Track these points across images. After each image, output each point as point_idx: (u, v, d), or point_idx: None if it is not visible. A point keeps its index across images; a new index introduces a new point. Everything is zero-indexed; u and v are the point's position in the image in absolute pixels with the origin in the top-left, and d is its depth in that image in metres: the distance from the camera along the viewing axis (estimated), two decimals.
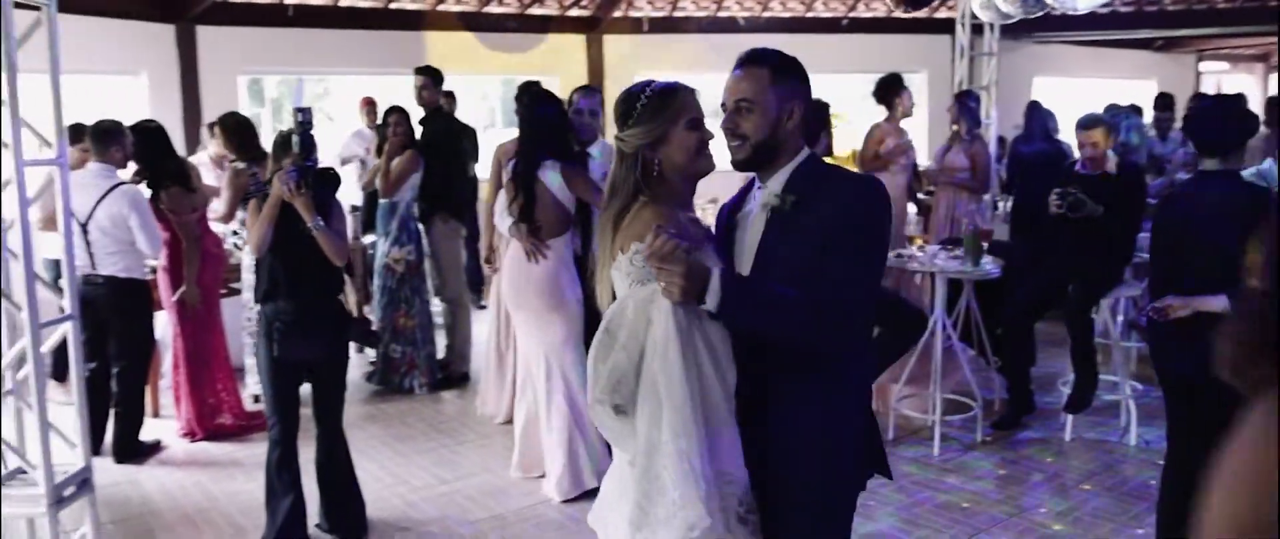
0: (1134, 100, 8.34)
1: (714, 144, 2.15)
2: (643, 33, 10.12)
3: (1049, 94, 10.77)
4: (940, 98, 7.64)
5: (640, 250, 1.94)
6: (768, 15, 10.43)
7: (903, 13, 7.82)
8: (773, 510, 2.09)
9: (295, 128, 3.48)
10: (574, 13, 10.00)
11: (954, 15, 8.38)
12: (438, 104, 6.33)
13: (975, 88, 8.04)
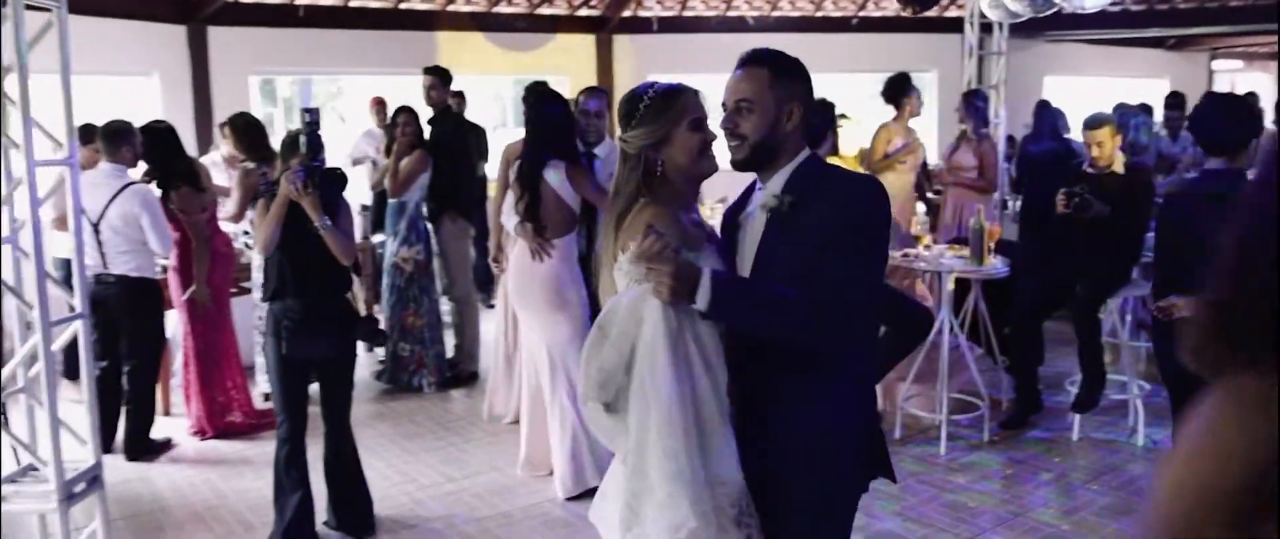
0: (1146, 99, 8.30)
1: (718, 145, 2.16)
2: (652, 33, 10.12)
3: (1061, 93, 10.75)
4: (950, 97, 7.62)
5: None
6: (777, 15, 10.43)
7: (909, 13, 7.79)
8: (773, 511, 2.09)
9: (303, 128, 3.52)
10: (583, 13, 10.02)
11: (963, 14, 8.36)
12: (446, 104, 6.36)
13: (985, 87, 8.02)
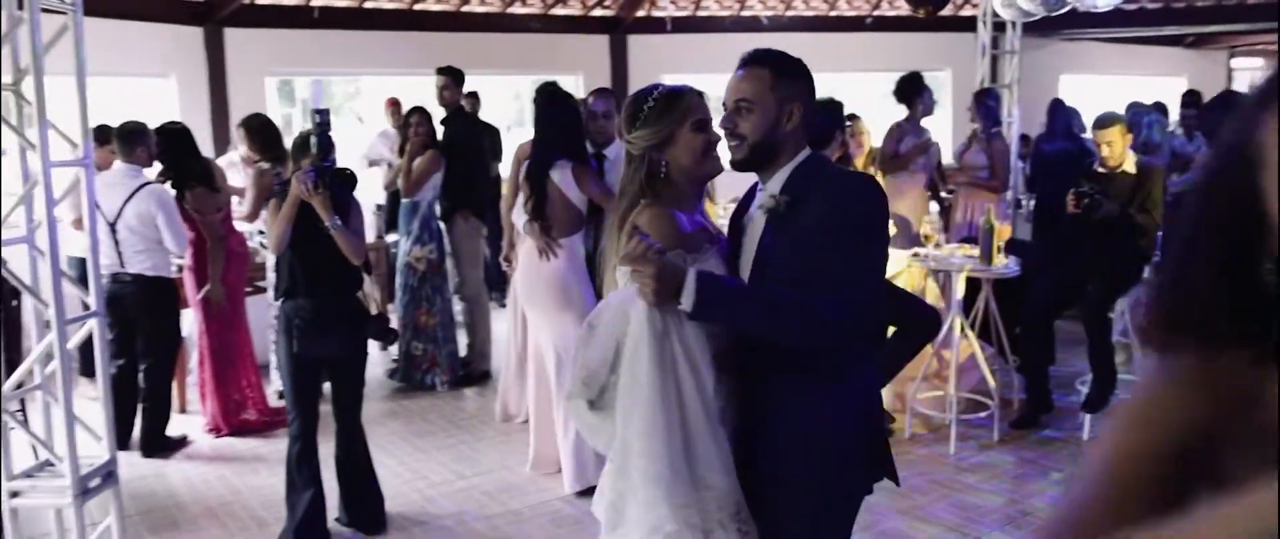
0: (1164, 98, 8.25)
1: (723, 146, 2.17)
2: (666, 33, 10.13)
3: (1077, 92, 10.69)
4: (965, 96, 7.58)
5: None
6: (791, 14, 10.41)
7: (922, 14, 7.77)
8: (773, 512, 2.08)
9: (313, 129, 3.56)
10: (597, 13, 10.04)
11: (977, 14, 8.33)
12: (459, 104, 6.39)
13: (998, 86, 7.99)
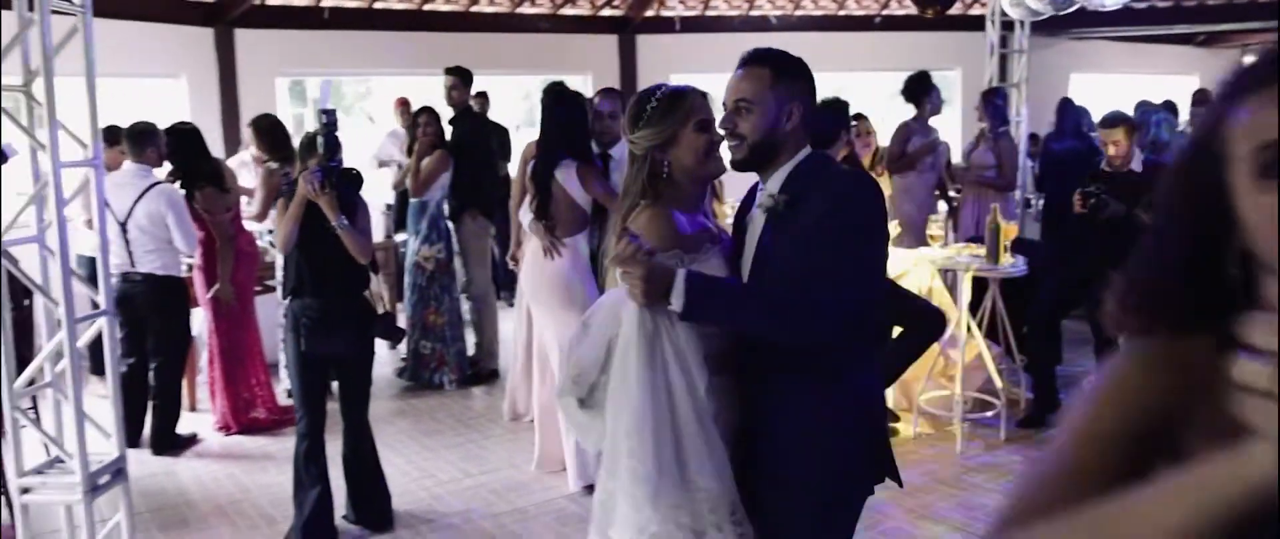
0: (1176, 96, 8.21)
1: (726, 146, 2.18)
2: (674, 32, 10.14)
3: (1088, 91, 10.62)
4: (974, 96, 7.56)
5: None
6: (799, 14, 10.40)
7: (930, 14, 7.75)
8: (772, 512, 2.08)
9: (320, 129, 3.58)
10: (606, 13, 10.05)
11: (985, 12, 8.31)
12: (467, 104, 6.42)
13: (1007, 85, 7.97)
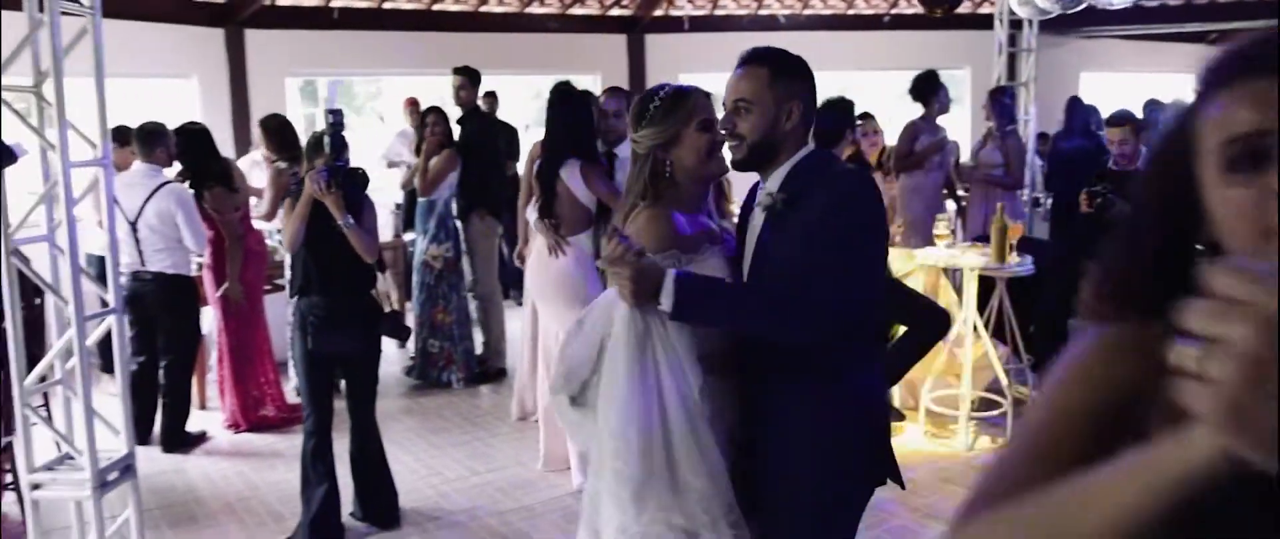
0: (1184, 95, 8.14)
1: (726, 146, 2.18)
2: (683, 32, 10.14)
3: (1098, 90, 10.59)
4: (984, 94, 7.56)
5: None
6: (808, 13, 10.40)
7: (938, 14, 7.74)
8: (773, 512, 2.08)
9: (326, 129, 3.61)
10: (615, 12, 10.07)
11: (994, 11, 8.30)
12: (475, 104, 6.44)
13: (1016, 84, 7.96)
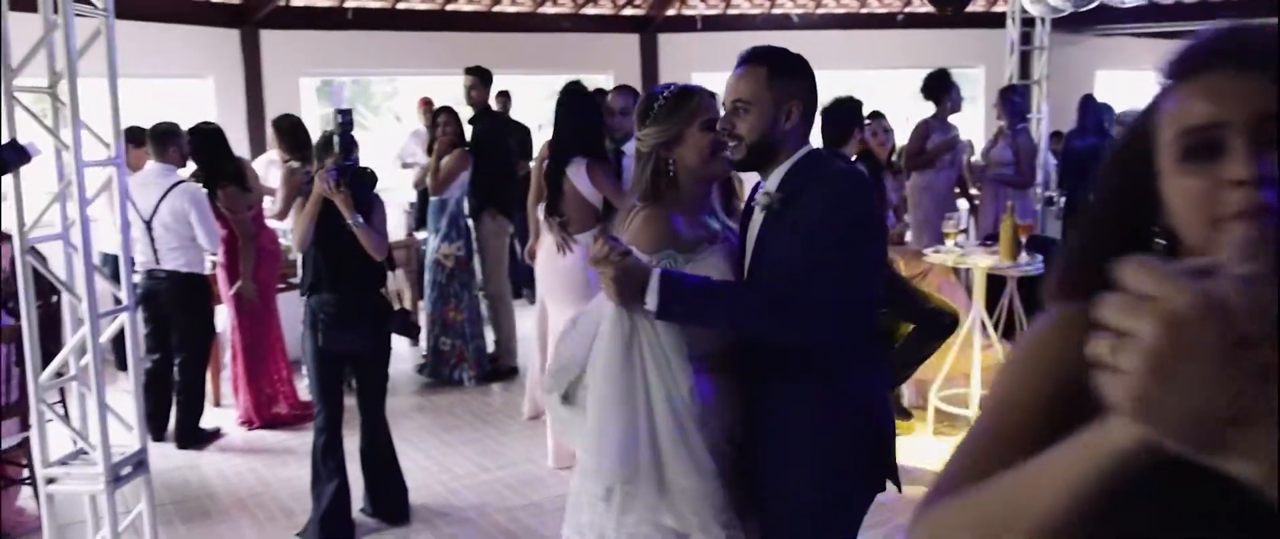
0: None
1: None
2: (696, 31, 10.15)
3: (1114, 88, 10.54)
4: (997, 93, 7.57)
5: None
6: (821, 11, 10.39)
7: (949, 12, 7.72)
8: (772, 512, 2.08)
9: (336, 129, 3.64)
10: (628, 12, 10.09)
11: (1007, 9, 8.26)
12: (486, 103, 6.48)
13: (1029, 82, 7.93)
